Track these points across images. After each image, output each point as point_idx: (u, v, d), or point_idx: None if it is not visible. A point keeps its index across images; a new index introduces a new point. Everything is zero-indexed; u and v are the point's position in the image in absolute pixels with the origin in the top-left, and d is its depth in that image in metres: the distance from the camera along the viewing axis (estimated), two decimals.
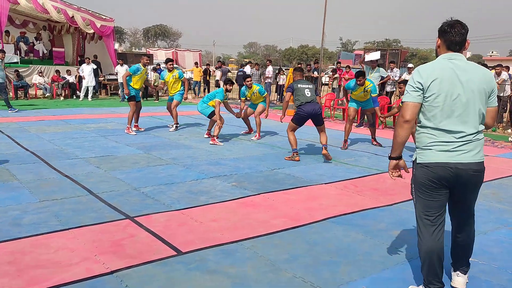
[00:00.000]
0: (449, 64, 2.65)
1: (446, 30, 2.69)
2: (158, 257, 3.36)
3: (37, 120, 10.66)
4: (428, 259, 2.75)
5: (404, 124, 2.68)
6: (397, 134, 2.73)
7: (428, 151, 2.68)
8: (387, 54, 18.82)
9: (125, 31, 76.03)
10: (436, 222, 2.74)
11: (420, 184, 2.74)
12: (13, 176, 5.49)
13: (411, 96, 2.67)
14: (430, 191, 2.71)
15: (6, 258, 3.25)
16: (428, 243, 2.74)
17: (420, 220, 2.79)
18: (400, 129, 2.71)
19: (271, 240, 3.79)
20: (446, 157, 2.62)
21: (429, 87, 2.62)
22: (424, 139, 2.71)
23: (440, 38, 2.74)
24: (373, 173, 6.40)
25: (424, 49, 74.35)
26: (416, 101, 2.66)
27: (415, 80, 2.67)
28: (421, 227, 2.79)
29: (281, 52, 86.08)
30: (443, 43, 2.72)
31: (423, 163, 2.70)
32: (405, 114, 2.66)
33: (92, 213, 4.28)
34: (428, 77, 2.62)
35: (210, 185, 5.40)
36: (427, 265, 2.77)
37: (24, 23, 19.51)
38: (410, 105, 2.66)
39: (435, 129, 2.65)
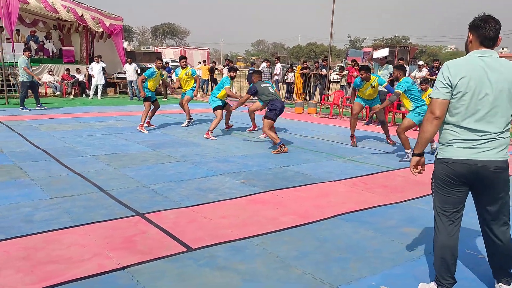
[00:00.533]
0: (480, 61, 2.58)
1: (479, 25, 2.61)
2: (168, 253, 3.38)
3: (48, 118, 10.76)
4: (441, 254, 2.75)
5: (434, 121, 2.65)
6: (425, 130, 2.70)
7: (449, 147, 2.67)
8: (396, 51, 18.68)
9: (133, 30, 76.36)
10: (452, 218, 2.74)
11: (439, 179, 2.74)
12: (24, 173, 5.55)
13: (440, 92, 2.63)
14: (448, 187, 2.70)
15: (20, 254, 3.29)
16: (443, 238, 2.75)
17: (437, 215, 2.79)
18: (429, 125, 2.67)
19: (280, 237, 3.80)
20: (467, 154, 2.60)
21: (457, 85, 2.57)
22: (447, 135, 2.68)
23: (473, 34, 2.66)
24: (382, 170, 6.38)
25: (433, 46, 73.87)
26: (445, 98, 2.62)
27: (444, 75, 2.62)
28: (437, 222, 2.80)
29: (289, 50, 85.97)
30: (476, 38, 2.64)
31: (443, 159, 2.69)
32: (434, 110, 2.63)
33: (103, 209, 4.31)
34: (456, 74, 2.58)
35: (219, 182, 5.42)
36: (440, 260, 2.77)
37: (34, 22, 19.67)
38: (439, 102, 2.63)
39: (458, 127, 2.62)
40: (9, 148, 7.02)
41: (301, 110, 14.13)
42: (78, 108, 13.21)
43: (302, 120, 12.16)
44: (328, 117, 13.02)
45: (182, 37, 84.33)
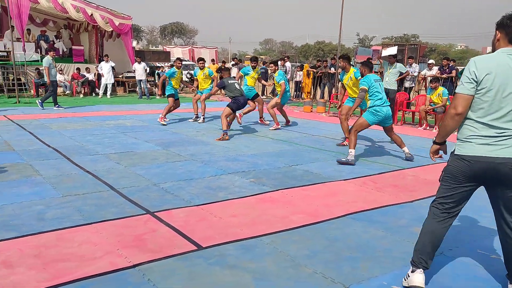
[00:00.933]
0: (507, 59, 2.57)
1: (508, 23, 2.61)
2: (178, 251, 3.40)
3: (58, 117, 10.85)
4: (426, 237, 2.84)
5: (455, 117, 2.66)
6: (447, 124, 2.72)
7: (467, 143, 2.66)
8: (405, 49, 18.57)
9: (142, 29, 76.67)
10: (448, 210, 2.79)
11: (451, 174, 2.74)
12: (36, 171, 5.60)
13: (465, 88, 2.62)
14: (457, 183, 2.71)
15: (32, 252, 3.32)
16: (432, 222, 2.84)
17: (435, 203, 2.86)
18: (451, 121, 2.69)
19: (290, 235, 3.79)
20: (485, 151, 2.59)
21: (482, 81, 2.57)
22: (466, 131, 2.68)
23: (501, 32, 2.66)
24: (392, 169, 6.35)
25: (443, 44, 73.27)
26: (469, 94, 2.61)
27: (470, 71, 2.61)
28: (431, 208, 2.87)
29: (297, 48, 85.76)
30: (504, 36, 2.63)
31: (460, 155, 2.69)
32: (457, 106, 2.63)
33: (114, 208, 4.34)
34: (482, 70, 2.57)
35: (228, 181, 5.43)
36: (422, 242, 2.86)
37: (44, 22, 19.85)
38: (463, 97, 2.62)
39: (479, 123, 2.62)
40: (20, 147, 7.09)
41: (310, 109, 14.10)
42: (88, 107, 13.31)
43: (311, 119, 12.14)
44: (337, 116, 12.96)
45: (191, 36, 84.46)
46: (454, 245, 3.66)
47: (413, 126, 11.30)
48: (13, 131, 8.56)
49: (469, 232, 3.99)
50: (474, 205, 2.89)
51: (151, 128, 9.61)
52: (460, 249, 3.61)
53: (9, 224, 3.84)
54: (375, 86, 6.82)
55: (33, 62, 16.49)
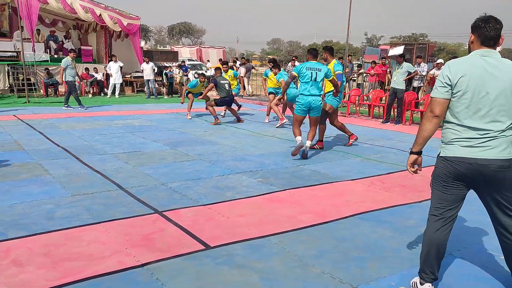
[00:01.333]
0: (481, 61, 2.59)
1: (480, 25, 2.63)
2: (187, 251, 3.41)
3: (67, 117, 10.93)
4: (427, 248, 2.81)
5: (433, 119, 2.66)
6: (424, 128, 2.71)
7: (451, 145, 2.67)
8: (414, 48, 18.45)
9: (150, 29, 76.96)
10: (445, 215, 2.76)
11: (437, 176, 2.75)
12: (45, 171, 5.65)
13: (439, 92, 2.65)
14: (446, 183, 2.71)
15: (41, 251, 3.36)
16: (431, 232, 2.80)
17: (431, 210, 2.83)
18: (428, 123, 2.69)
19: (298, 235, 3.79)
20: (468, 152, 2.60)
21: (457, 84, 2.59)
22: (449, 134, 2.69)
23: (474, 34, 2.69)
24: (400, 169, 6.32)
25: (452, 43, 72.71)
26: (444, 97, 2.63)
27: (444, 75, 2.64)
28: (429, 217, 2.85)
29: (304, 48, 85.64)
30: (477, 38, 2.66)
31: (444, 157, 2.70)
32: (434, 109, 2.65)
33: (122, 207, 4.37)
34: (456, 73, 2.59)
35: (236, 181, 5.44)
36: (425, 253, 2.83)
37: (53, 22, 19.99)
38: (438, 101, 2.65)
39: (460, 126, 2.62)
40: (30, 146, 7.16)
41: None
42: (96, 107, 13.39)
43: None
44: (344, 116, 12.93)
45: (198, 36, 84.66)
46: (462, 246, 3.64)
47: None
48: (23, 131, 8.64)
49: (477, 233, 3.96)
50: (481, 206, 2.87)
51: (159, 127, 9.65)
52: (468, 250, 3.59)
53: (19, 223, 3.88)
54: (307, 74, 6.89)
55: (42, 62, 16.63)
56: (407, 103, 11.68)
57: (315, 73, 6.87)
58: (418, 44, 21.18)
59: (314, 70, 6.88)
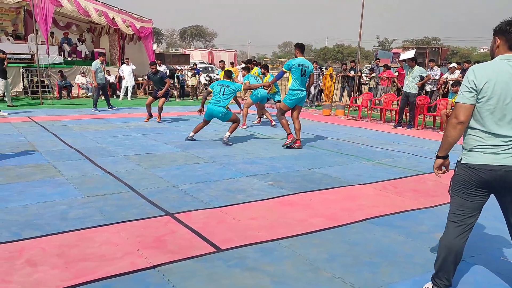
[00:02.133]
0: (507, 66, 2.53)
1: (507, 29, 2.56)
2: (198, 253, 3.42)
3: (80, 119, 11.04)
4: (444, 254, 2.77)
5: (458, 125, 2.61)
6: (449, 135, 2.65)
7: (474, 152, 2.61)
8: (427, 52, 18.33)
9: (162, 32, 77.55)
10: (465, 222, 2.71)
11: (460, 183, 2.70)
12: (59, 172, 5.71)
13: (465, 97, 2.59)
14: (469, 191, 2.66)
15: (55, 251, 3.39)
16: (449, 238, 2.75)
17: (450, 216, 2.79)
18: (453, 130, 2.63)
19: (309, 239, 3.78)
20: (493, 159, 2.54)
21: (482, 89, 2.53)
22: (471, 141, 2.63)
23: (500, 38, 2.61)
24: (412, 174, 6.27)
25: (465, 47, 72.08)
26: (469, 103, 2.57)
27: (469, 79, 2.58)
28: (448, 223, 2.80)
29: (316, 51, 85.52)
30: (504, 43, 2.59)
31: (467, 164, 2.64)
32: (459, 115, 2.58)
33: (134, 209, 4.40)
34: (482, 78, 2.53)
35: (247, 184, 5.44)
36: (442, 259, 2.79)
37: (67, 25, 20.24)
38: (464, 107, 2.58)
39: (484, 132, 2.57)
40: (44, 147, 7.24)
41: (329, 113, 14.04)
42: (108, 110, 13.48)
43: (330, 122, 12.08)
44: (356, 120, 12.89)
45: (210, 39, 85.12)
46: (476, 252, 3.59)
47: (434, 130, 11.15)
48: (37, 132, 8.75)
49: (491, 239, 3.92)
50: (496, 212, 2.83)
51: (170, 130, 9.71)
52: (482, 256, 3.54)
53: (33, 223, 3.92)
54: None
55: (56, 65, 16.84)
56: (420, 107, 11.59)
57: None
58: (431, 48, 21.04)
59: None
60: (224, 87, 8.02)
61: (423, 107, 11.73)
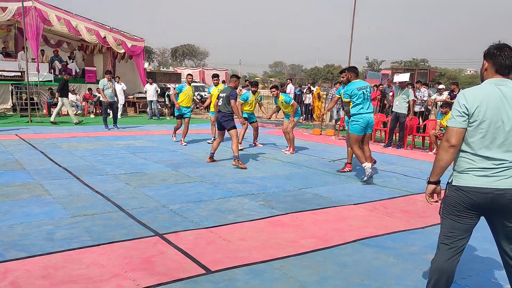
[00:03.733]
0: (496, 90, 2.57)
1: (495, 53, 2.62)
2: (187, 275, 3.36)
3: (69, 137, 10.94)
4: (436, 277, 2.74)
5: (450, 149, 2.62)
6: (441, 158, 2.66)
7: (465, 175, 2.62)
8: (415, 73, 18.63)
9: (153, 51, 77.86)
10: (456, 245, 2.70)
11: (451, 205, 2.69)
12: (46, 191, 5.62)
13: (456, 121, 2.61)
14: (459, 213, 2.66)
15: (40, 273, 3.31)
16: (441, 261, 2.73)
17: (441, 239, 2.77)
18: (445, 154, 2.64)
19: (300, 260, 3.74)
20: (484, 182, 2.55)
21: (474, 113, 2.56)
22: (463, 163, 2.64)
23: (488, 61, 2.67)
24: (403, 194, 6.28)
25: (452, 69, 73.38)
26: (461, 127, 2.59)
27: (460, 104, 2.60)
28: (439, 245, 2.78)
29: (306, 71, 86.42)
30: (491, 66, 2.64)
31: (458, 186, 2.64)
32: (450, 139, 2.60)
33: (123, 229, 4.33)
34: (473, 102, 2.56)
35: (237, 204, 5.40)
36: (434, 282, 2.76)
37: (58, 43, 20.23)
38: (456, 131, 2.60)
39: (475, 155, 2.59)
40: (31, 166, 7.15)
41: (319, 132, 14.09)
42: (98, 127, 13.40)
43: (321, 142, 12.12)
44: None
45: (201, 58, 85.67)
46: (467, 274, 3.58)
47: (423, 151, 11.23)
48: (24, 150, 8.64)
49: (483, 261, 3.91)
50: (486, 234, 2.84)
51: (161, 149, 9.65)
52: (474, 278, 3.53)
53: (19, 244, 3.83)
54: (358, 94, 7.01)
55: (46, 82, 16.76)
56: (409, 128, 11.69)
57: (366, 92, 7.09)
58: (419, 69, 21.40)
59: (364, 88, 7.06)
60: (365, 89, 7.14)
61: (412, 128, 11.83)
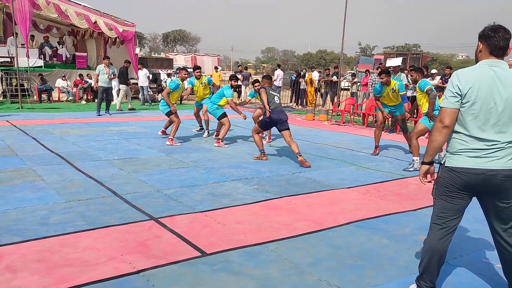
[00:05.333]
0: (490, 71, 2.58)
1: (489, 34, 2.63)
2: (183, 257, 3.39)
3: (61, 123, 10.86)
4: (428, 256, 2.80)
5: (443, 130, 2.64)
6: (434, 139, 2.69)
7: (457, 156, 2.65)
8: (408, 58, 18.64)
9: (145, 36, 76.97)
10: (448, 225, 2.75)
11: (443, 186, 2.73)
12: (39, 177, 5.60)
13: (449, 102, 2.63)
14: (452, 194, 2.70)
15: (35, 257, 3.31)
16: (433, 241, 2.78)
17: (434, 219, 2.82)
18: (438, 134, 2.66)
19: (294, 243, 3.78)
20: (475, 163, 2.59)
21: (466, 94, 2.58)
22: (455, 144, 2.67)
23: (482, 43, 2.67)
24: (395, 177, 6.34)
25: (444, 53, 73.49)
26: (454, 107, 2.61)
27: (453, 84, 2.62)
28: (432, 225, 2.84)
29: (299, 57, 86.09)
30: (486, 48, 2.65)
31: (451, 167, 2.67)
32: (444, 119, 2.63)
33: (117, 213, 4.34)
34: (466, 83, 2.58)
35: (231, 188, 5.42)
36: (426, 262, 2.82)
37: (48, 28, 19.96)
38: (449, 111, 2.62)
39: (468, 136, 2.61)
40: (23, 152, 7.10)
41: (312, 117, 14.11)
42: (90, 113, 13.31)
43: (313, 127, 12.14)
44: (339, 124, 12.99)
45: (193, 43, 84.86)
46: (458, 254, 3.65)
47: None
48: (16, 137, 8.57)
49: (473, 242, 3.98)
50: (478, 215, 2.89)
51: (154, 134, 9.61)
52: (465, 258, 3.60)
53: (13, 229, 3.83)
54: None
55: (36, 68, 16.56)
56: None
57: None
58: (412, 54, 21.39)
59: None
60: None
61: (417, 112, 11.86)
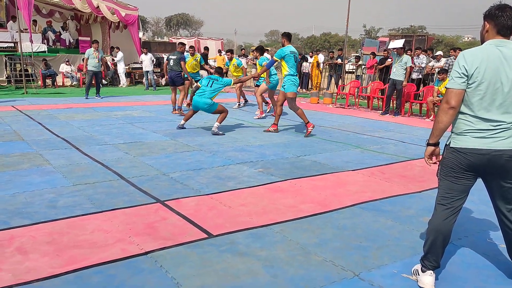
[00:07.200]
0: (496, 51, 2.55)
1: (496, 14, 2.59)
2: (190, 239, 3.43)
3: (65, 108, 10.90)
4: (433, 237, 2.81)
5: (449, 111, 2.63)
6: (440, 120, 2.67)
7: (462, 136, 2.65)
8: (413, 40, 18.46)
9: (147, 20, 76.44)
10: (453, 205, 2.76)
11: (448, 167, 2.73)
12: (46, 161, 5.65)
13: (456, 82, 2.61)
14: (457, 174, 2.70)
15: (45, 239, 3.37)
16: (438, 221, 2.79)
17: (438, 199, 2.83)
18: (444, 115, 2.65)
19: (300, 224, 3.82)
20: (481, 143, 2.58)
21: (473, 74, 2.55)
22: (461, 125, 2.66)
23: (489, 23, 2.64)
24: (400, 160, 6.35)
25: (450, 35, 72.61)
26: (460, 88, 2.59)
27: (460, 65, 2.60)
28: (436, 206, 2.84)
29: (303, 40, 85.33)
30: (493, 27, 2.62)
31: (456, 148, 2.67)
32: (450, 100, 2.61)
33: (124, 196, 4.38)
34: (472, 64, 2.55)
35: (237, 171, 5.45)
36: (430, 242, 2.83)
37: (50, 13, 19.85)
38: (455, 92, 2.60)
39: (473, 117, 2.60)
40: (30, 137, 7.15)
41: (316, 101, 14.08)
42: (96, 98, 13.33)
43: (318, 110, 12.11)
44: (344, 107, 12.96)
45: (196, 27, 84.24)
46: (463, 235, 3.67)
47: (421, 118, 11.27)
48: (22, 121, 8.62)
49: (478, 222, 4.00)
50: (482, 196, 2.90)
51: (158, 118, 9.64)
52: (470, 239, 3.62)
53: (22, 212, 3.89)
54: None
55: (40, 53, 16.54)
56: (406, 95, 11.69)
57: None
58: (417, 36, 21.18)
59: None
60: (213, 80, 8.08)
61: (409, 95, 11.82)
